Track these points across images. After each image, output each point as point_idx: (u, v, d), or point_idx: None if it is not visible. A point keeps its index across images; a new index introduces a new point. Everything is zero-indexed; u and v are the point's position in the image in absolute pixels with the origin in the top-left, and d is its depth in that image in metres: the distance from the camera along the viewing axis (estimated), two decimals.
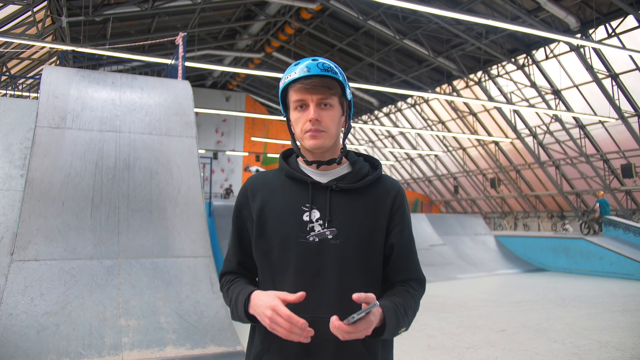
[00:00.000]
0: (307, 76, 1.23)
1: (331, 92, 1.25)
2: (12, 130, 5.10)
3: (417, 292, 1.30)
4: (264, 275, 1.29)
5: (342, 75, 1.29)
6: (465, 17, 8.92)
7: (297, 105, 1.26)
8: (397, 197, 1.32)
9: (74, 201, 4.72)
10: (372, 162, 1.39)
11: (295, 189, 1.30)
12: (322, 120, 1.24)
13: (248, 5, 15.82)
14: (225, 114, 22.91)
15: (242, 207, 1.35)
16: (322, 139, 1.25)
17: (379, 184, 1.33)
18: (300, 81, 1.24)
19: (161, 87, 6.05)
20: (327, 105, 1.25)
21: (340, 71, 1.29)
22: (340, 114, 1.29)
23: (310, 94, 1.24)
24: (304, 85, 1.23)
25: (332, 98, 1.26)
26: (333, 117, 1.26)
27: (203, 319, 4.45)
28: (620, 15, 12.14)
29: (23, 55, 13.44)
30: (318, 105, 1.25)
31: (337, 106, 1.28)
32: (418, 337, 5.48)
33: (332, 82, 1.25)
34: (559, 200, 20.08)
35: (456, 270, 11.81)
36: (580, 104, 15.37)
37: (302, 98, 1.25)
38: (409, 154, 26.00)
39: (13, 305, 3.99)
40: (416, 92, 16.52)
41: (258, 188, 1.34)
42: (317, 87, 1.23)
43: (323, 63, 1.25)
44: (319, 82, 1.23)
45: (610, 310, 7.02)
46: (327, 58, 12.06)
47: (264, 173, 1.39)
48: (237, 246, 1.37)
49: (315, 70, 1.23)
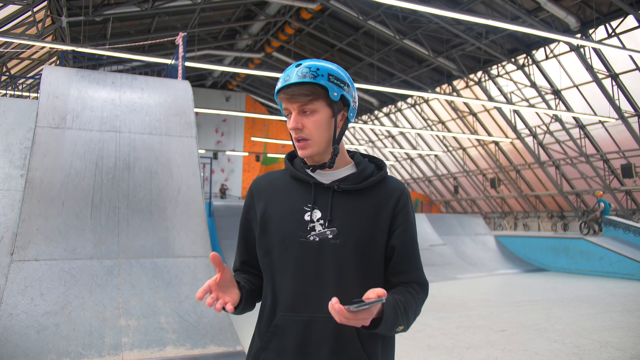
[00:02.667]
0: (288, 85, 1.24)
1: (308, 98, 1.23)
2: (12, 130, 5.10)
3: (418, 295, 1.28)
4: (266, 274, 1.30)
5: (328, 75, 1.24)
6: (465, 17, 8.92)
7: (287, 113, 1.29)
8: (401, 199, 1.31)
9: (74, 201, 4.72)
10: (378, 164, 1.38)
11: (299, 190, 1.30)
12: (304, 127, 1.25)
13: (248, 5, 15.83)
14: (225, 114, 22.92)
15: (248, 208, 1.37)
16: (309, 148, 1.26)
17: (384, 185, 1.32)
18: (282, 91, 1.25)
19: (161, 87, 6.05)
20: (308, 112, 1.25)
21: (325, 72, 1.24)
22: (330, 116, 1.26)
23: (291, 103, 1.25)
24: (285, 94, 1.24)
25: (314, 103, 1.24)
26: (317, 122, 1.25)
27: (203, 319, 4.45)
28: (620, 15, 12.14)
29: (23, 55, 13.44)
30: (300, 112, 1.25)
31: (323, 109, 1.25)
32: (418, 337, 5.48)
33: (312, 87, 1.23)
34: (559, 200, 20.08)
35: (456, 270, 11.81)
36: (580, 104, 15.37)
37: (286, 107, 1.27)
38: (409, 154, 26.01)
39: (13, 305, 3.99)
40: (416, 92, 16.52)
41: (263, 189, 1.35)
42: (295, 96, 1.23)
43: (302, 69, 1.23)
44: (297, 90, 1.23)
45: (610, 310, 7.02)
46: (327, 58, 12.03)
47: (270, 173, 1.40)
48: (242, 246, 1.39)
49: (294, 78, 1.23)
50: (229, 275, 1.19)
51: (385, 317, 1.12)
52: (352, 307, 1.02)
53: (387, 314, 1.13)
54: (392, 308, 1.14)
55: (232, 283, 1.22)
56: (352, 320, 1.05)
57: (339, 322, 1.06)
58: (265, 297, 1.30)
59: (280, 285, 1.25)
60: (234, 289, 1.21)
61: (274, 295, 1.26)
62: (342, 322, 1.05)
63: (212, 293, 1.15)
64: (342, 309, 1.02)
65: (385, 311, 1.12)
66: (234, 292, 1.21)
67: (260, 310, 1.33)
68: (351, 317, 1.04)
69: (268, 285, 1.28)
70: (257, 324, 1.32)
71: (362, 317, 1.05)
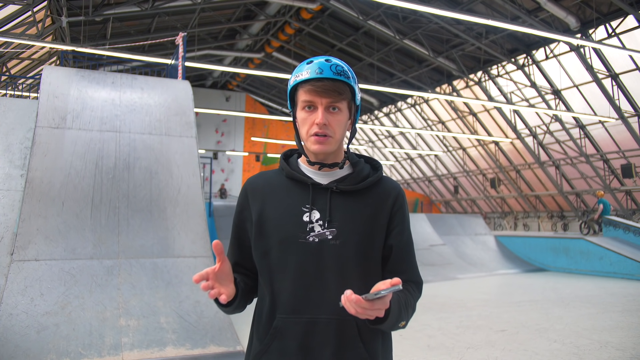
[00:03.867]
0: (319, 78, 1.21)
1: (342, 97, 1.23)
2: (12, 130, 5.10)
3: (415, 293, 1.30)
4: (263, 276, 1.28)
5: (354, 79, 1.27)
6: (465, 17, 8.92)
7: (305, 106, 1.25)
8: (398, 199, 1.32)
9: (74, 201, 4.72)
10: (373, 164, 1.39)
11: (296, 190, 1.29)
12: (329, 125, 1.23)
13: (248, 5, 15.83)
14: (225, 114, 22.91)
15: (242, 208, 1.35)
16: (327, 144, 1.24)
17: (380, 186, 1.32)
18: (311, 82, 1.22)
19: (161, 87, 6.05)
20: (336, 109, 1.24)
21: (352, 74, 1.27)
22: (347, 117, 1.28)
23: (320, 97, 1.22)
24: (315, 87, 1.21)
25: (342, 102, 1.24)
26: (340, 121, 1.25)
27: (203, 319, 4.45)
28: (620, 15, 12.14)
29: (23, 55, 13.44)
30: (327, 109, 1.23)
31: (345, 110, 1.26)
32: (418, 337, 5.48)
33: (344, 86, 1.24)
34: (559, 200, 20.08)
35: (456, 270, 11.81)
36: (580, 104, 15.37)
37: (311, 99, 1.23)
38: (409, 154, 26.01)
39: (13, 305, 3.99)
40: (416, 92, 16.52)
41: (258, 188, 1.33)
42: (328, 91, 1.21)
43: (337, 65, 1.23)
44: (331, 85, 1.21)
45: (610, 310, 7.02)
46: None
47: (264, 173, 1.38)
48: (235, 247, 1.37)
49: (328, 73, 1.21)
50: (227, 268, 1.18)
51: (392, 311, 1.13)
52: (370, 295, 1.02)
53: (393, 309, 1.14)
54: (396, 303, 1.16)
55: (230, 277, 1.20)
56: (369, 310, 1.04)
57: (354, 314, 1.05)
58: (263, 299, 1.28)
59: (279, 287, 1.24)
60: (230, 284, 1.20)
61: (272, 297, 1.25)
62: (358, 313, 1.04)
63: (209, 281, 1.13)
64: (360, 298, 1.02)
65: (391, 307, 1.13)
66: (229, 286, 1.19)
67: (256, 313, 1.31)
68: (368, 306, 1.03)
69: (266, 287, 1.27)
70: (255, 326, 1.31)
71: (378, 307, 1.05)
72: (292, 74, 1.28)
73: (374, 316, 1.06)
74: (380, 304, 1.05)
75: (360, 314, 1.05)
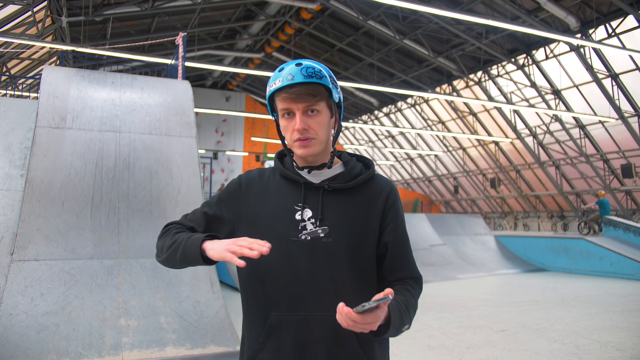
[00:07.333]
0: (291, 85, 1.21)
1: (316, 98, 1.22)
2: (12, 130, 5.10)
3: (415, 291, 1.29)
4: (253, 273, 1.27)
5: (329, 77, 1.26)
6: (465, 17, 8.93)
7: (284, 113, 1.25)
8: (390, 196, 1.31)
9: (74, 201, 4.72)
10: (365, 162, 1.39)
11: (289, 189, 1.30)
12: (310, 128, 1.23)
13: (248, 5, 15.82)
14: (225, 114, 22.91)
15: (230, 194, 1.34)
16: (311, 146, 1.24)
17: (372, 183, 1.32)
18: (284, 90, 1.21)
19: (161, 87, 6.05)
20: (314, 111, 1.23)
21: (327, 73, 1.26)
22: (329, 117, 1.28)
23: (295, 103, 1.22)
24: (289, 94, 1.21)
25: (319, 104, 1.24)
26: (320, 122, 1.24)
27: (203, 319, 4.45)
28: (620, 15, 12.14)
29: (23, 55, 13.44)
30: (304, 113, 1.23)
31: (325, 110, 1.26)
32: (418, 337, 5.48)
33: (318, 87, 1.23)
34: (559, 200, 20.08)
35: (456, 270, 11.81)
36: (580, 104, 15.37)
37: (287, 107, 1.23)
38: (409, 154, 26.01)
39: (13, 305, 3.99)
40: (416, 92, 16.52)
41: (253, 184, 1.34)
42: (302, 96, 1.21)
43: (307, 68, 1.22)
44: (304, 89, 1.21)
45: (610, 310, 7.02)
46: (327, 58, 12.03)
47: (261, 170, 1.39)
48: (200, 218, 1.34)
49: (299, 77, 1.20)
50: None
51: (392, 321, 1.12)
52: (359, 307, 1.01)
53: (393, 319, 1.13)
54: (396, 311, 1.15)
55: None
56: (360, 324, 1.03)
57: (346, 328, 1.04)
58: (254, 297, 1.27)
59: (271, 285, 1.24)
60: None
61: (265, 295, 1.24)
62: (350, 327, 1.03)
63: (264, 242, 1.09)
64: (350, 311, 1.01)
65: (392, 316, 1.12)
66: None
67: (247, 312, 1.31)
68: (359, 320, 1.02)
69: (257, 285, 1.26)
70: (247, 325, 1.30)
71: (370, 321, 1.03)
72: (268, 82, 1.27)
73: (368, 330, 1.05)
74: (372, 317, 1.03)
75: (352, 328, 1.04)
